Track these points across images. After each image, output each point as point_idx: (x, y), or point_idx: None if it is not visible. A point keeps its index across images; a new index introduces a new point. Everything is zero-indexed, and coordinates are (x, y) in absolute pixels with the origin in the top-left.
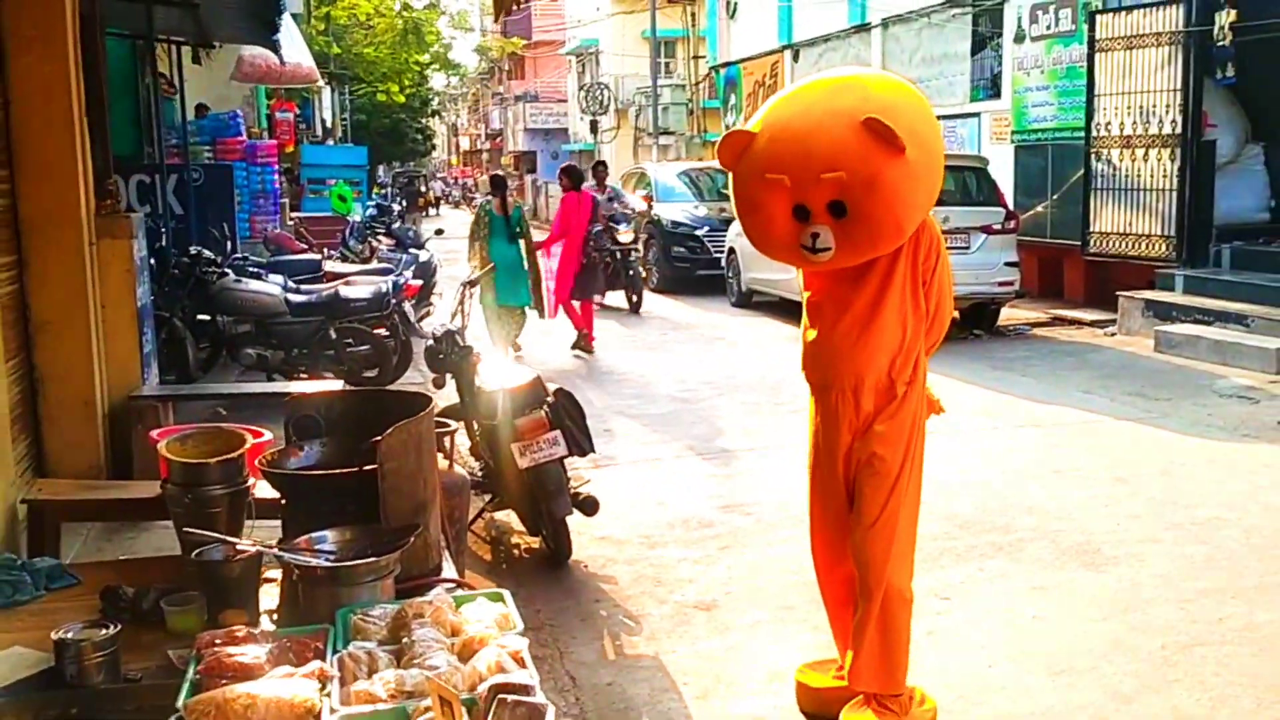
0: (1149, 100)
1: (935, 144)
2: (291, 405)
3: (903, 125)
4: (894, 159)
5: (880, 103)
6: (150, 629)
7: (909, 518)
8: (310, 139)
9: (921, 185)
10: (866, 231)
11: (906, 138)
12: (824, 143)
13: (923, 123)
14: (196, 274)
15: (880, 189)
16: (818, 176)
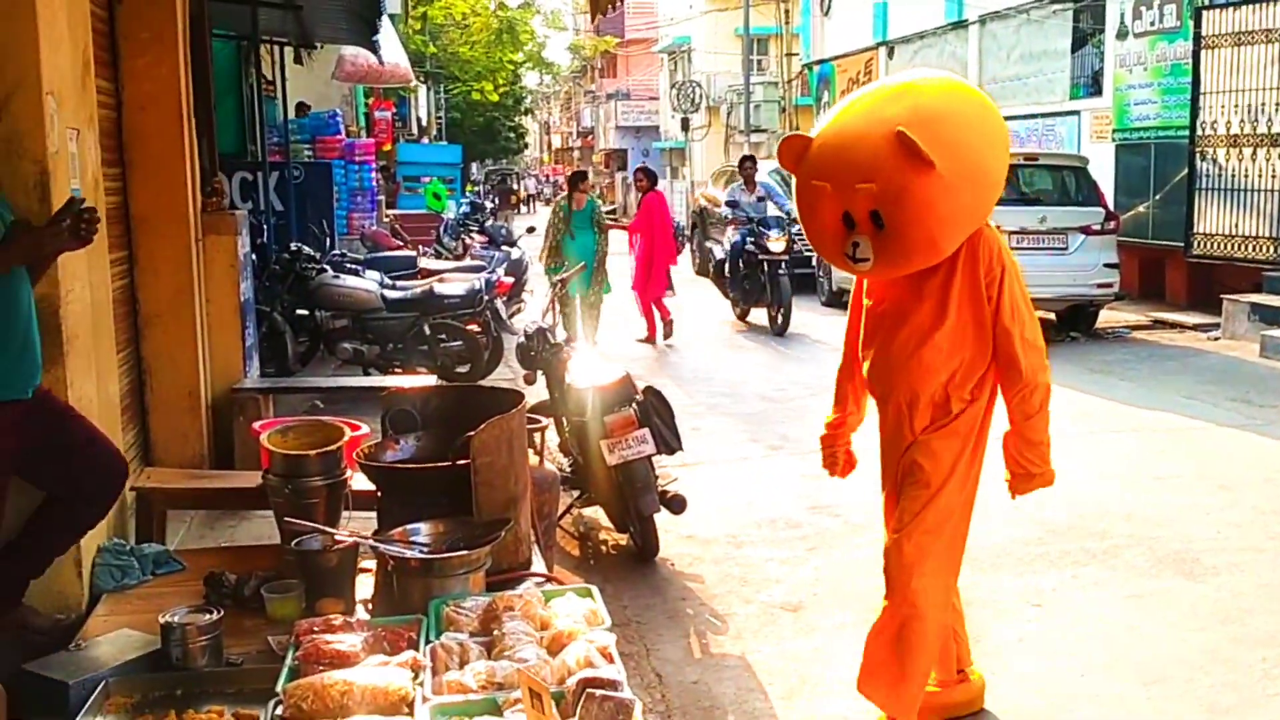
0: (1257, 98)
1: (982, 157)
2: (388, 400)
3: (943, 137)
4: (924, 172)
5: (925, 113)
6: (251, 615)
7: (947, 540)
8: (406, 137)
9: (959, 200)
10: (899, 244)
11: (944, 150)
12: (862, 152)
13: (971, 134)
14: (296, 270)
15: (909, 202)
16: (855, 186)
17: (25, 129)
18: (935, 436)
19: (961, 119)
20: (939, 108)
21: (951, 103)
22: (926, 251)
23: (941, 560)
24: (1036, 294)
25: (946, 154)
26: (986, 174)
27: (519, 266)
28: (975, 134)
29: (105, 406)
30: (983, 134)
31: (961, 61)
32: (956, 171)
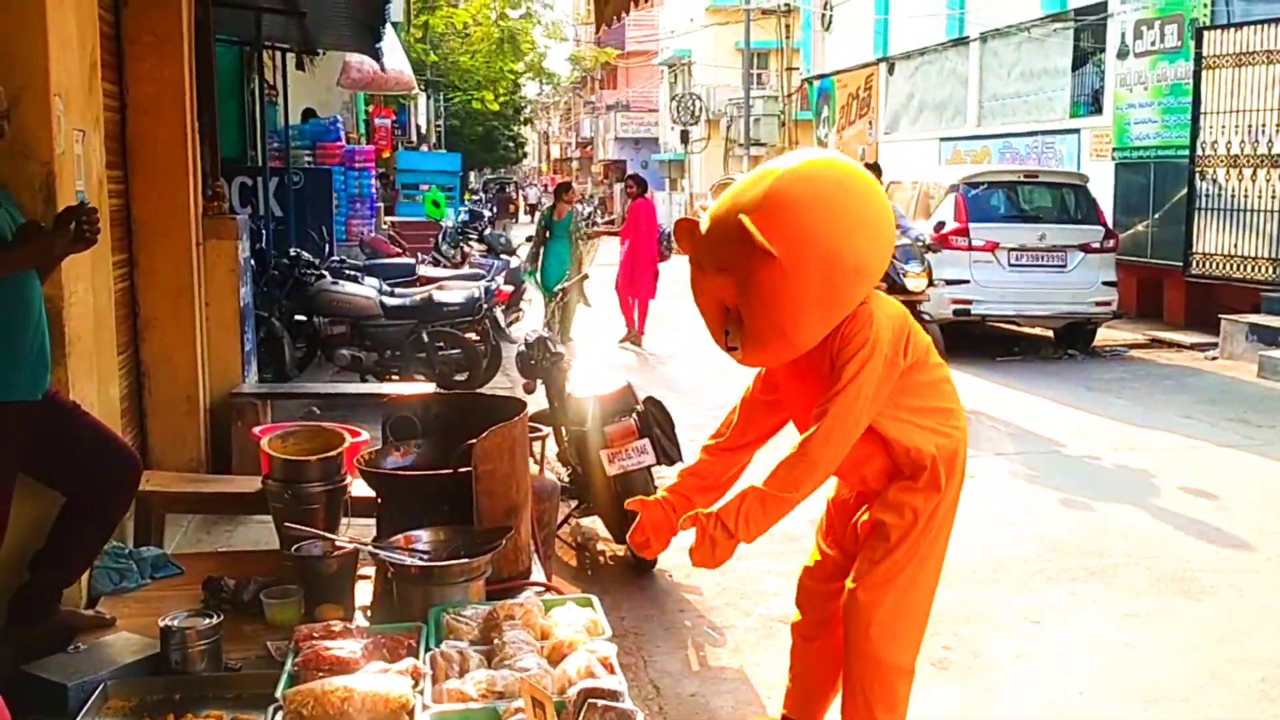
0: (1258, 119)
1: (834, 243)
2: (389, 406)
3: (788, 225)
4: (766, 261)
5: (774, 199)
6: (250, 620)
7: (913, 595)
8: (405, 145)
9: (804, 289)
10: (752, 334)
11: (787, 238)
12: (720, 240)
13: (822, 219)
14: (295, 275)
15: (754, 291)
16: (715, 274)
17: (32, 130)
18: (897, 490)
19: (814, 204)
20: (790, 193)
21: (807, 187)
22: (778, 342)
23: (905, 613)
24: (1033, 311)
25: (790, 242)
26: (838, 260)
27: (518, 275)
28: (827, 220)
29: (105, 409)
30: (838, 219)
31: (962, 78)
32: (801, 260)
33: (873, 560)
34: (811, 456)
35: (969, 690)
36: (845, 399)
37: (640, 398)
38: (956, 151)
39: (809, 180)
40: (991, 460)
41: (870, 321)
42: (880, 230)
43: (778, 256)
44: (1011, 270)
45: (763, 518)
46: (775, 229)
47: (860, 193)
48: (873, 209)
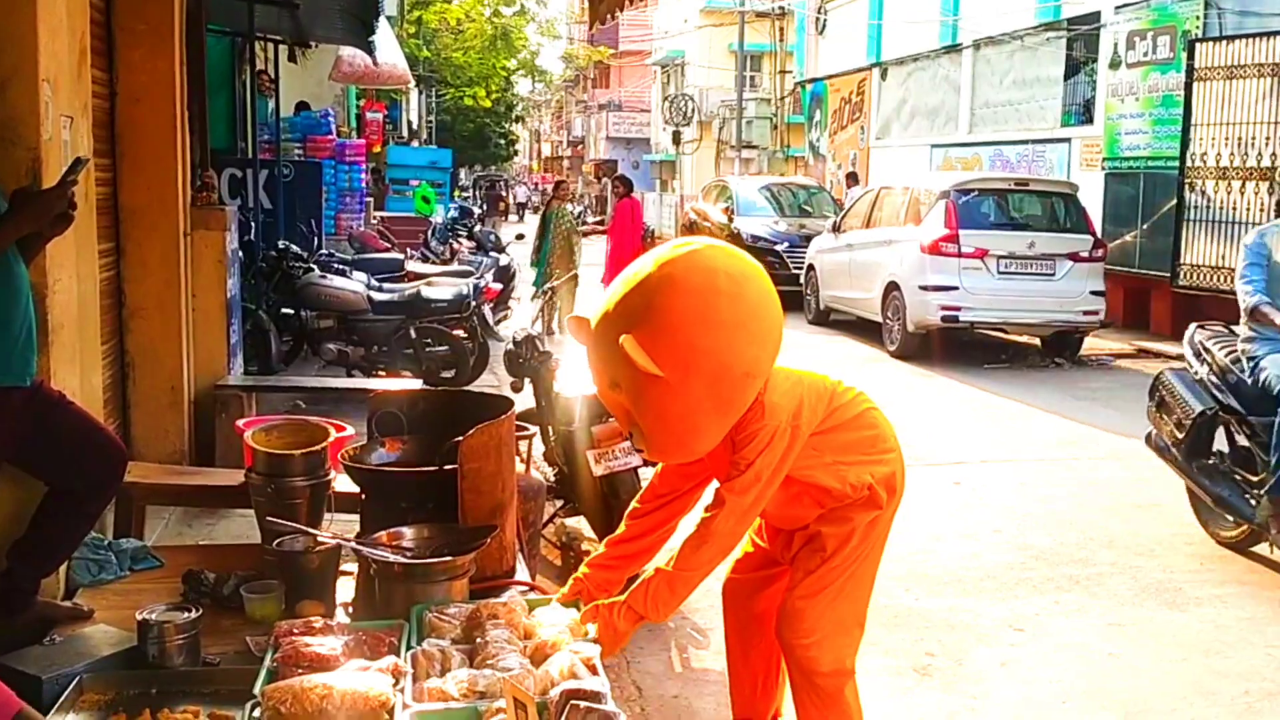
0: (1248, 132)
1: (715, 351)
2: (375, 402)
3: (666, 341)
4: (651, 381)
5: (655, 316)
6: (230, 614)
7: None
8: (396, 140)
9: (692, 400)
10: (650, 445)
11: (673, 358)
12: (606, 355)
13: (701, 330)
14: (283, 268)
15: (645, 407)
16: (608, 387)
17: (20, 115)
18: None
19: (696, 318)
20: (672, 309)
21: (689, 300)
22: (677, 451)
23: (834, 621)
24: (1021, 319)
25: (675, 362)
26: (727, 371)
27: (507, 273)
28: (711, 333)
29: (88, 399)
30: (722, 329)
31: (955, 85)
32: (688, 376)
33: (808, 570)
34: (715, 536)
35: (952, 698)
36: (744, 482)
37: None
38: (948, 158)
39: (690, 292)
40: (977, 468)
41: (763, 413)
42: (766, 328)
43: (664, 376)
44: (1000, 278)
45: (670, 597)
46: (659, 348)
47: (743, 296)
48: (757, 308)
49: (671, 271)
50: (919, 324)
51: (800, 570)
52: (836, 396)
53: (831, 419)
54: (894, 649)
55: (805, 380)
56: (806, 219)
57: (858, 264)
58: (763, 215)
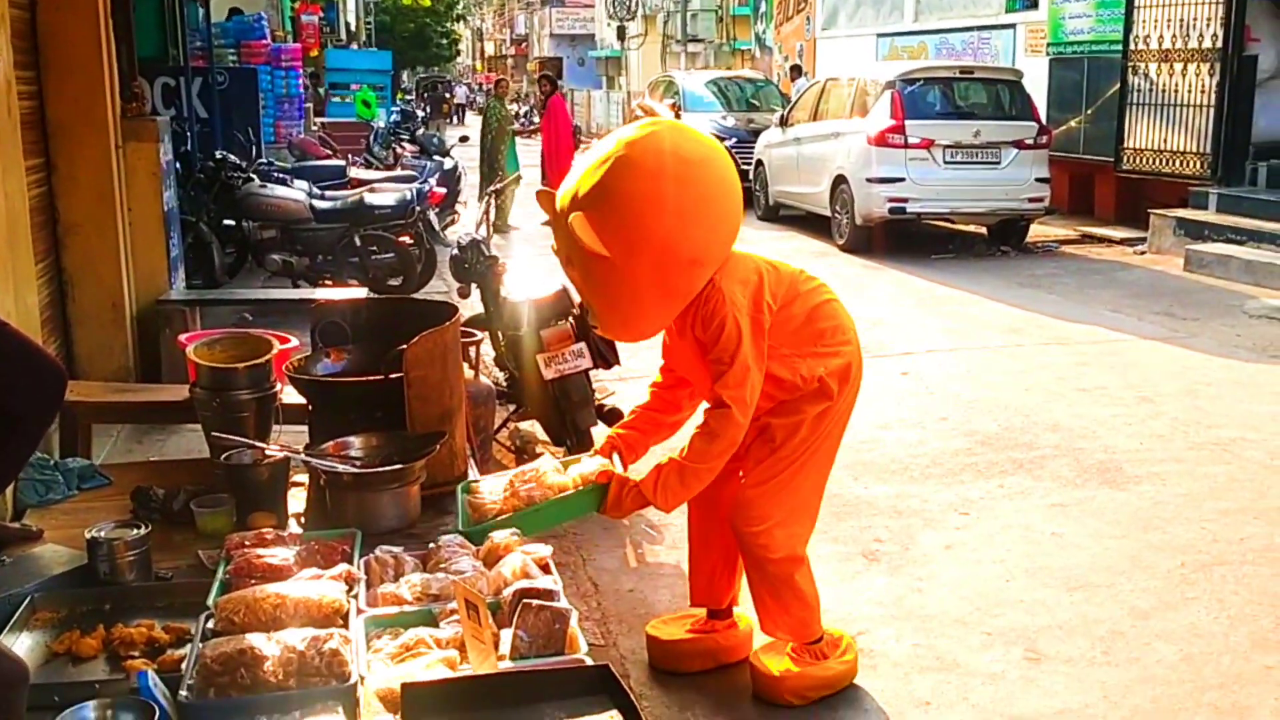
0: (1189, 13)
1: (663, 233)
2: (318, 312)
3: (613, 221)
4: (598, 259)
5: (607, 195)
6: (180, 530)
7: (795, 494)
8: (334, 43)
9: (638, 281)
10: (600, 320)
11: (614, 235)
12: (562, 232)
13: (649, 210)
14: (222, 179)
15: (594, 285)
16: (565, 264)
17: None
18: (785, 405)
19: (645, 201)
20: (622, 190)
21: (639, 183)
22: (624, 330)
23: (791, 510)
24: (968, 208)
25: (622, 242)
26: (672, 256)
27: (452, 177)
28: (659, 216)
29: (24, 318)
30: (671, 214)
31: None
32: (633, 257)
33: (758, 459)
34: (720, 432)
35: (900, 580)
36: (735, 377)
37: (576, 301)
38: (894, 47)
39: (639, 174)
40: (924, 358)
41: (723, 300)
42: (718, 215)
43: (609, 257)
44: (946, 168)
45: (680, 489)
46: (607, 227)
47: (693, 180)
48: (708, 194)
49: (627, 153)
50: (867, 217)
51: (751, 460)
52: (798, 283)
53: (791, 307)
54: (843, 536)
55: (764, 266)
56: (754, 113)
57: (805, 158)
58: (710, 110)
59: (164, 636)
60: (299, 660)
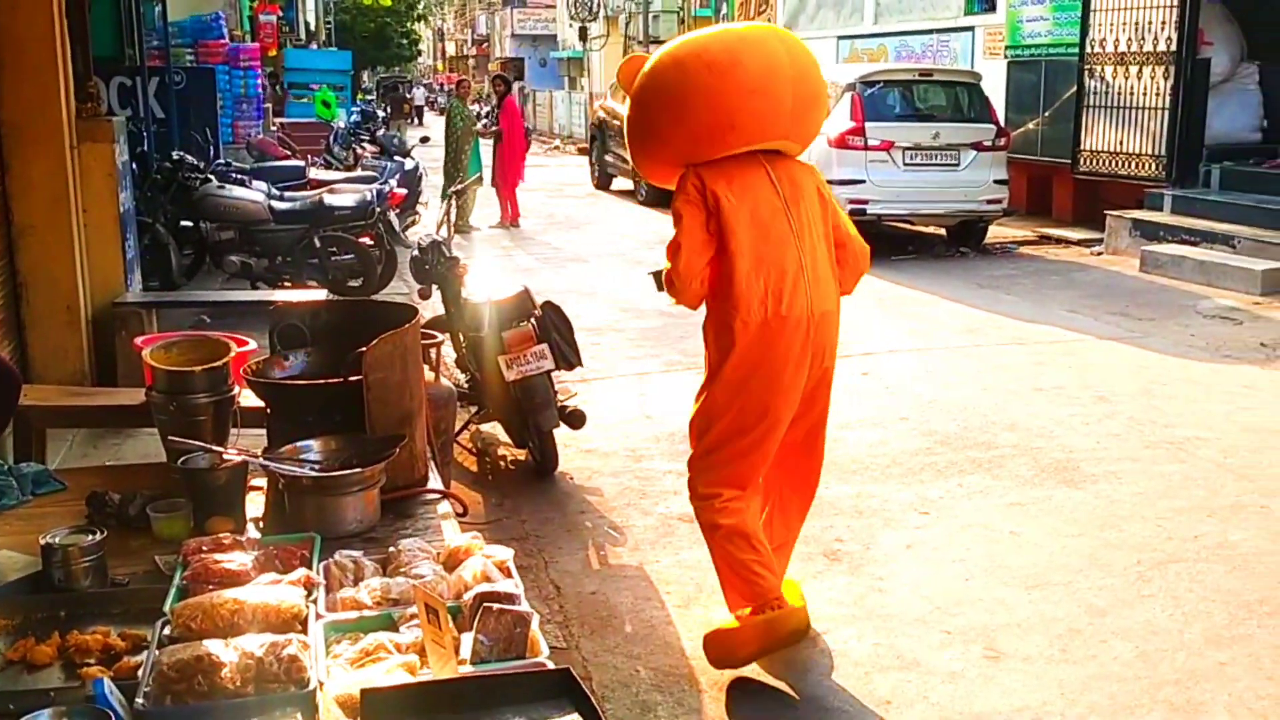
0: (1144, 17)
1: (652, 115)
2: (276, 314)
3: (635, 91)
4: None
5: (648, 67)
6: (137, 535)
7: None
8: (294, 42)
9: (640, 133)
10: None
11: (635, 94)
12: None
13: (652, 93)
14: (179, 179)
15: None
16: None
17: None
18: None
19: (656, 73)
20: (652, 65)
21: (645, 75)
22: (641, 173)
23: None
24: (927, 210)
25: (632, 105)
26: (651, 129)
27: (413, 177)
28: (655, 94)
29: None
30: (659, 96)
31: None
32: (633, 120)
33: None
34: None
35: (860, 580)
36: (672, 242)
37: (538, 302)
38: (854, 49)
39: (650, 71)
40: (885, 358)
41: (684, 184)
42: (686, 113)
43: (629, 114)
44: (906, 170)
45: (670, 286)
46: (632, 92)
47: (672, 84)
48: (683, 97)
49: (661, 51)
50: None
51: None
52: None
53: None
54: (805, 536)
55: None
56: None
57: None
58: None
59: (120, 643)
60: (257, 666)
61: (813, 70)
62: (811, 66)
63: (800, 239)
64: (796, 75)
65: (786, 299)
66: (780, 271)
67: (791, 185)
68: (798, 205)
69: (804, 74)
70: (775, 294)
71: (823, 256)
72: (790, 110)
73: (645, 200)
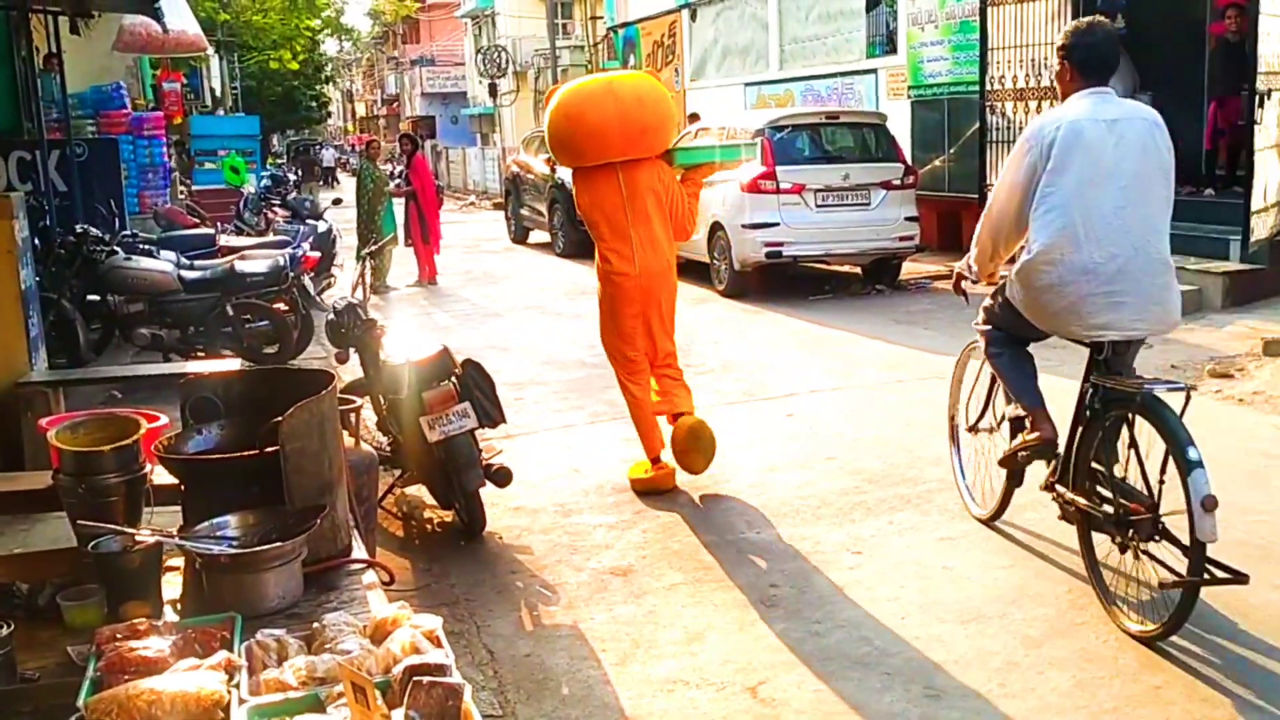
0: (1040, 53)
1: (551, 138)
2: (187, 387)
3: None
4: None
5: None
6: (47, 626)
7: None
8: (199, 109)
9: (550, 147)
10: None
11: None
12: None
13: (550, 128)
14: (84, 253)
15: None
16: None
17: None
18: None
19: (551, 119)
20: (550, 110)
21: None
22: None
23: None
24: (841, 250)
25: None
26: (553, 148)
27: (327, 240)
28: (550, 130)
29: None
30: (551, 132)
31: (762, 23)
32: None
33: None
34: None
35: (796, 624)
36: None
37: (458, 360)
38: (761, 96)
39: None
40: (808, 398)
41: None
42: (563, 141)
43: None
44: (819, 211)
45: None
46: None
47: (554, 128)
48: (555, 136)
49: (555, 97)
50: (744, 262)
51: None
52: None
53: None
54: (739, 584)
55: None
56: None
57: None
58: None
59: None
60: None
61: (637, 109)
62: (636, 107)
63: (634, 222)
64: (621, 116)
65: (629, 259)
66: (625, 242)
67: (631, 184)
68: (634, 199)
69: (628, 114)
70: (623, 256)
71: (657, 231)
72: (619, 140)
73: (563, 252)
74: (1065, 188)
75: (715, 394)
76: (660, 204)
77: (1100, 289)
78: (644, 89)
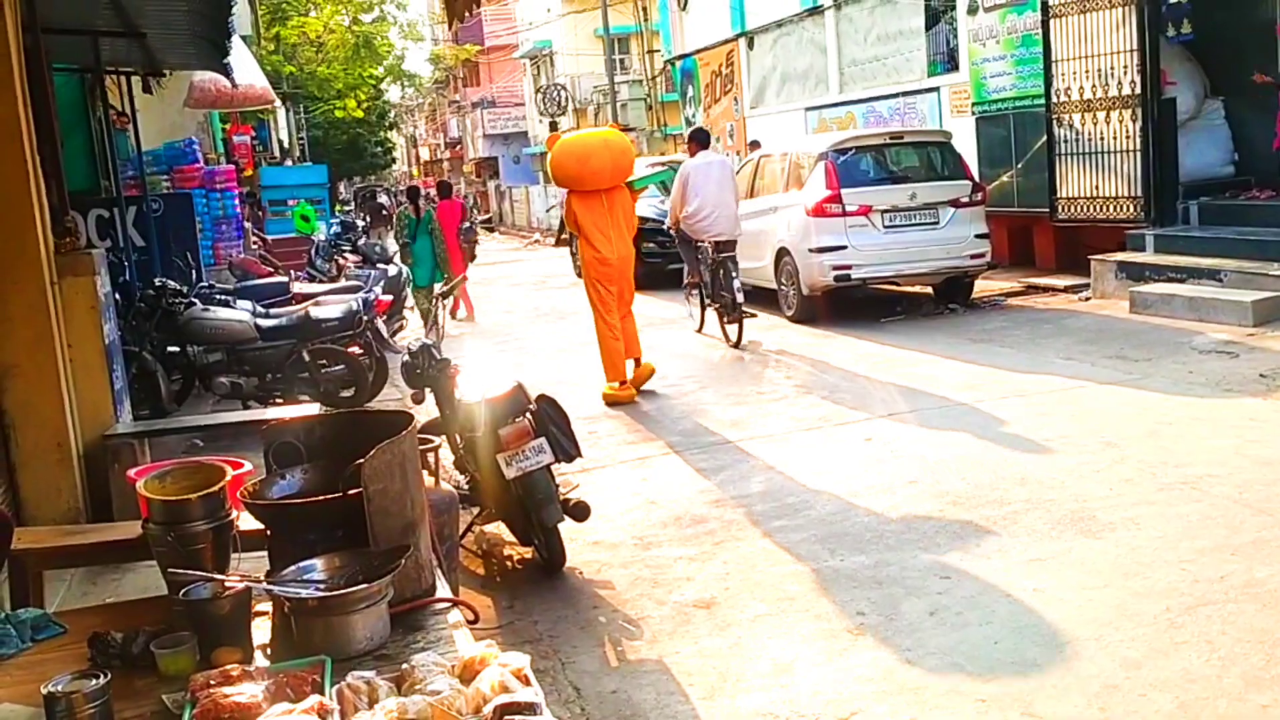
0: (1106, 63)
1: (556, 170)
2: (270, 433)
3: (554, 154)
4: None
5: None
6: (142, 674)
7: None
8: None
9: (554, 177)
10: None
11: (552, 158)
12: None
13: (557, 163)
14: (163, 306)
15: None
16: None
17: None
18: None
19: (557, 157)
20: (558, 149)
21: (560, 151)
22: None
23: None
24: (911, 270)
25: (551, 163)
26: (557, 178)
27: (397, 283)
28: (556, 165)
29: None
30: (558, 167)
31: (821, 47)
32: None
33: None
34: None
35: (887, 653)
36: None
37: (532, 396)
38: (822, 120)
39: (556, 153)
40: (885, 422)
41: (568, 202)
42: (565, 177)
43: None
44: (886, 232)
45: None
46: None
47: (562, 164)
48: (562, 171)
49: (560, 143)
50: (813, 286)
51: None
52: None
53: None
54: (824, 612)
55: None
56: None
57: (747, 234)
58: (648, 196)
59: None
60: None
61: (621, 157)
62: (620, 155)
63: (612, 226)
64: (612, 161)
65: (610, 249)
66: (606, 239)
67: (610, 203)
68: (611, 212)
69: (616, 160)
70: (606, 248)
71: (624, 231)
72: (608, 176)
73: None
74: None
75: (791, 420)
76: (626, 214)
77: None
78: (624, 144)
